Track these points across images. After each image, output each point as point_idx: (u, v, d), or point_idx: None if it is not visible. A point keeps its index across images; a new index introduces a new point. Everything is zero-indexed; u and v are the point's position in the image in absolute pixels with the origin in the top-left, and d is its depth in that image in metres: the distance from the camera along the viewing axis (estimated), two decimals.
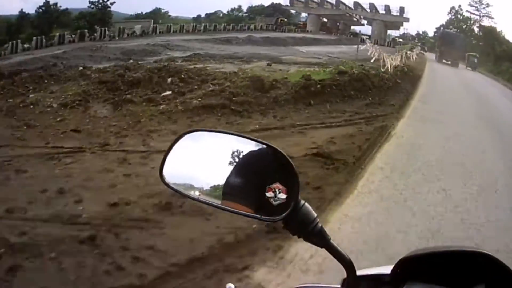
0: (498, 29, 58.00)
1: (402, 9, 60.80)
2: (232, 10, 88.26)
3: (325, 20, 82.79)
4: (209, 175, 0.73)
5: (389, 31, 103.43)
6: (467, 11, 63.47)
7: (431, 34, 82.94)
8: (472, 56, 34.90)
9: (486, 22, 60.71)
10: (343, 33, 68.94)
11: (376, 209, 3.99)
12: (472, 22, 64.41)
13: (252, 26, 55.66)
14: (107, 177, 4.36)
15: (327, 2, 69.28)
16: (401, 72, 14.42)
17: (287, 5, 69.97)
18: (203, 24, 44.22)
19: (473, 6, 60.81)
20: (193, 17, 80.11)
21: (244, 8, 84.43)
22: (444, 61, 34.74)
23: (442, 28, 66.72)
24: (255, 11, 78.99)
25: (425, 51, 58.48)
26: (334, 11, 67.48)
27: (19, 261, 2.65)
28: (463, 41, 39.19)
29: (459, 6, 67.89)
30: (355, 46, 23.09)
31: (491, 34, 52.92)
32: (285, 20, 72.34)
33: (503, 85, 25.90)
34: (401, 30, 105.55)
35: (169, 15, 64.53)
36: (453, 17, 68.41)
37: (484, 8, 59.80)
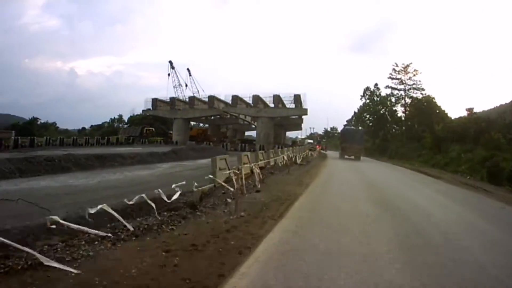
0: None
1: (297, 98, 47.07)
2: (112, 120, 77.54)
3: (205, 125, 72.53)
4: None
5: (290, 134, 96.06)
6: (388, 86, 54.75)
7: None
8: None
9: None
10: (232, 141, 56.82)
11: None
12: (396, 99, 54.40)
13: (113, 139, 47.62)
14: None
15: (198, 100, 55.86)
16: None
17: (149, 109, 55.28)
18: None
19: (396, 79, 52.39)
20: (78, 130, 75.62)
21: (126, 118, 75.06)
22: (346, 156, 36.67)
23: (352, 120, 64.72)
24: (135, 120, 69.39)
25: (323, 150, 48.48)
26: (207, 111, 53.89)
27: None
28: (362, 135, 42.04)
29: (375, 85, 59.65)
30: None
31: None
32: (152, 129, 57.88)
33: None
34: (307, 131, 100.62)
35: (57, 127, 66.21)
36: (367, 100, 59.66)
37: (409, 78, 51.83)
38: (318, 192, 11.90)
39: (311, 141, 70.00)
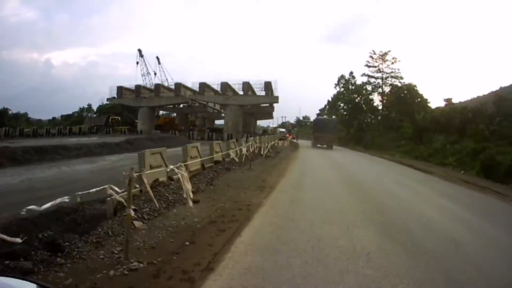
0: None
1: (267, 85, 43.66)
2: (82, 109, 74.32)
3: (173, 114, 68.13)
4: None
5: (261, 123, 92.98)
6: (365, 74, 51.09)
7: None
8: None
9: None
10: (201, 130, 53.33)
11: None
12: (372, 88, 50.76)
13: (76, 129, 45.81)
14: None
15: (165, 88, 51.84)
16: None
17: (113, 97, 50.83)
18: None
19: (373, 67, 49.08)
20: (49, 119, 72.93)
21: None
22: (319, 145, 36.55)
23: (325, 109, 62.95)
24: (104, 110, 63.80)
25: (294, 139, 45.36)
26: (173, 99, 49.44)
27: None
28: (335, 125, 41.67)
29: (350, 73, 56.97)
30: None
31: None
32: (117, 118, 52.83)
33: None
34: (279, 120, 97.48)
35: (29, 117, 65.30)
36: (342, 89, 56.76)
37: (387, 66, 48.38)
38: (286, 201, 8.23)
39: (284, 130, 67.77)
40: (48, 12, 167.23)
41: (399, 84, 47.82)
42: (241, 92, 43.75)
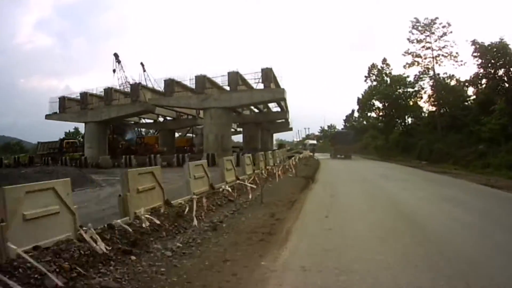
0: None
1: (267, 74, 28.47)
2: (67, 134, 64.08)
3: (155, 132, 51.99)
4: None
5: (279, 136, 78.51)
6: (407, 53, 34.42)
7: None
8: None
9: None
10: (200, 151, 33.62)
11: None
12: (420, 74, 34.61)
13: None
14: None
15: (121, 93, 36.13)
16: None
17: (55, 113, 35.98)
18: None
19: (417, 42, 33.01)
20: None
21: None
22: (338, 156, 37.67)
23: (351, 115, 58.47)
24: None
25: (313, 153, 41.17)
26: (128, 108, 33.47)
27: None
28: (354, 137, 42.86)
29: (384, 61, 41.35)
30: None
31: None
32: (74, 141, 36.34)
33: None
34: (301, 132, 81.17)
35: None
36: (374, 82, 41.79)
37: (440, 38, 32.41)
38: None
39: (315, 142, 61.14)
40: None
41: (455, 66, 32.47)
42: (227, 88, 29.91)
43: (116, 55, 42.62)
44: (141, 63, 44.65)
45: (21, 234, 3.90)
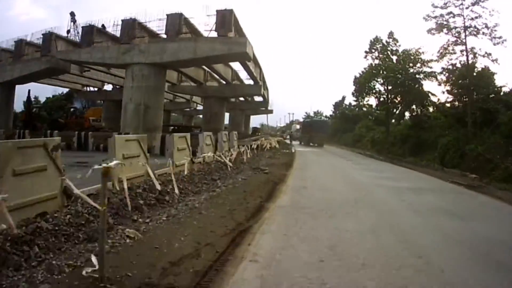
0: None
1: (222, 18, 18.75)
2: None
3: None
4: None
5: (261, 120, 69.60)
6: (430, 17, 24.72)
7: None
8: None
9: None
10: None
11: None
12: (445, 48, 23.45)
13: None
14: None
15: (32, 45, 20.92)
16: None
17: None
18: None
19: (443, 7, 22.78)
20: None
21: None
22: (311, 144, 39.28)
23: (343, 100, 56.25)
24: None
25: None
26: (36, 64, 22.60)
27: None
28: (328, 126, 45.95)
29: (390, 35, 31.31)
30: None
31: None
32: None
33: None
34: (286, 117, 75.09)
35: None
36: (376, 60, 32.25)
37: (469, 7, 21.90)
38: None
39: (298, 126, 56.52)
40: None
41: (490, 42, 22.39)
42: (164, 36, 19.43)
43: (72, 14, 33.76)
44: (102, 25, 32.83)
45: None
